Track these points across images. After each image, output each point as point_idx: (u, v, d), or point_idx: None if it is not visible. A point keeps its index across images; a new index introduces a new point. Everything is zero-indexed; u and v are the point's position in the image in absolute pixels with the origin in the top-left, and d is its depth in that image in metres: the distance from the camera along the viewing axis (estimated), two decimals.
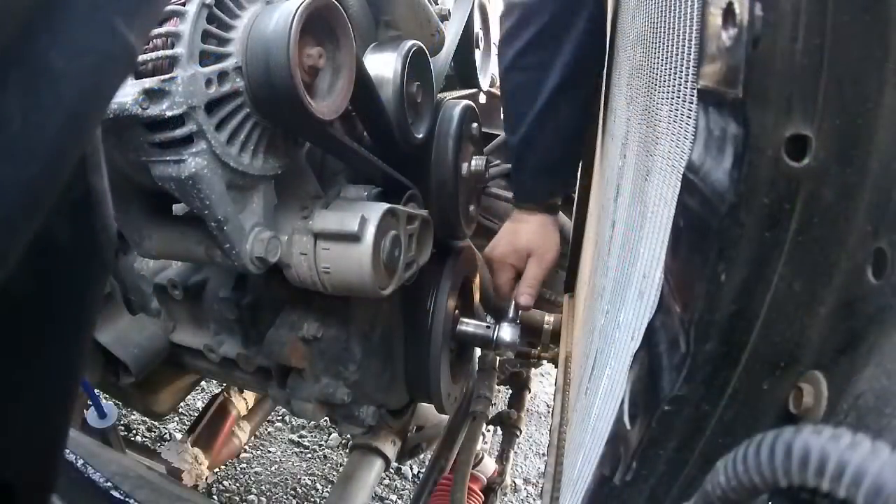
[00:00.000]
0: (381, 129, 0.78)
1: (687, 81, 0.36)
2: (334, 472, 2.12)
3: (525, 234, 1.07)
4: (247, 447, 2.04)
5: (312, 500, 2.01)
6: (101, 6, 0.21)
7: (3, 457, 0.27)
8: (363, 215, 0.68)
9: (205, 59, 0.55)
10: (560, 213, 1.43)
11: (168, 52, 0.54)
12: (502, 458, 1.49)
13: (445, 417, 1.25)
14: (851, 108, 0.25)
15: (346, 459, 1.65)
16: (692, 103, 0.35)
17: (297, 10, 0.55)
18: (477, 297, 1.18)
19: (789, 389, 0.28)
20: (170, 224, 0.70)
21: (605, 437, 0.43)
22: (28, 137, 0.20)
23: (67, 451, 0.72)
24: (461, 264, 1.04)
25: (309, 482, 2.07)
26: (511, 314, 1.06)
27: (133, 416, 2.15)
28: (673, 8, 0.39)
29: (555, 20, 0.91)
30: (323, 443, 2.26)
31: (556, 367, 1.21)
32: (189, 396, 1.70)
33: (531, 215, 1.08)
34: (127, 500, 0.71)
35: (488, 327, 1.03)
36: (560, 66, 0.92)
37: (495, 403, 1.42)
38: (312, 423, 2.29)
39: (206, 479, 1.31)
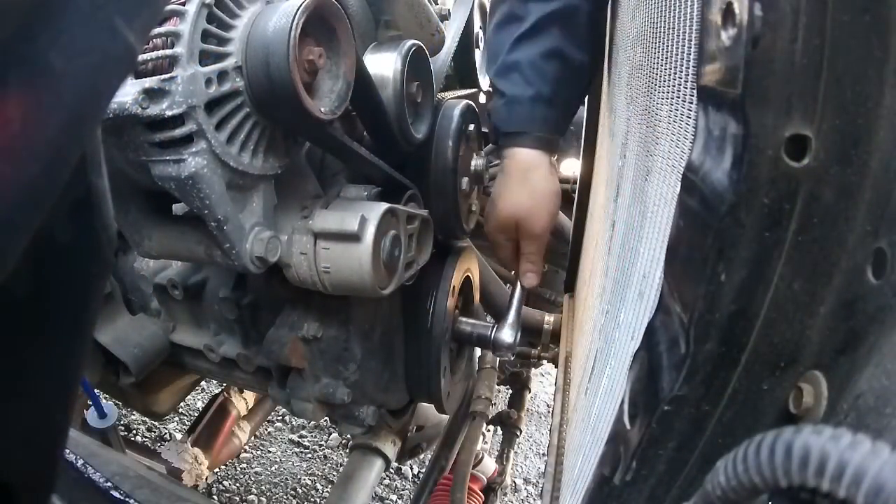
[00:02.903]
0: (381, 129, 0.78)
1: (687, 81, 0.36)
2: (334, 472, 2.12)
3: (506, 195, 0.90)
4: (247, 447, 2.04)
5: (312, 500, 2.01)
6: (101, 6, 0.21)
7: (3, 457, 0.27)
8: (363, 215, 0.68)
9: (205, 58, 0.55)
10: (559, 212, 1.43)
11: (168, 51, 0.54)
12: (502, 458, 1.49)
13: (445, 417, 1.25)
14: (851, 108, 0.25)
15: (346, 459, 1.65)
16: (692, 103, 0.35)
17: (297, 10, 0.55)
18: (477, 297, 1.18)
19: (789, 389, 0.28)
20: (170, 224, 0.70)
21: (605, 437, 0.43)
22: (28, 137, 0.20)
23: (67, 451, 0.72)
24: (461, 264, 1.04)
25: (309, 482, 2.07)
26: (515, 302, 1.00)
27: (133, 416, 2.15)
28: (673, 8, 0.39)
29: None
30: (323, 443, 2.26)
31: (556, 367, 1.21)
32: (189, 396, 1.70)
33: (511, 158, 0.88)
34: (127, 500, 0.71)
35: (488, 327, 1.03)
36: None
37: (495, 403, 1.41)
38: (312, 423, 2.29)
39: (206, 479, 1.31)
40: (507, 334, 0.99)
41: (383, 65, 0.78)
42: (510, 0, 0.88)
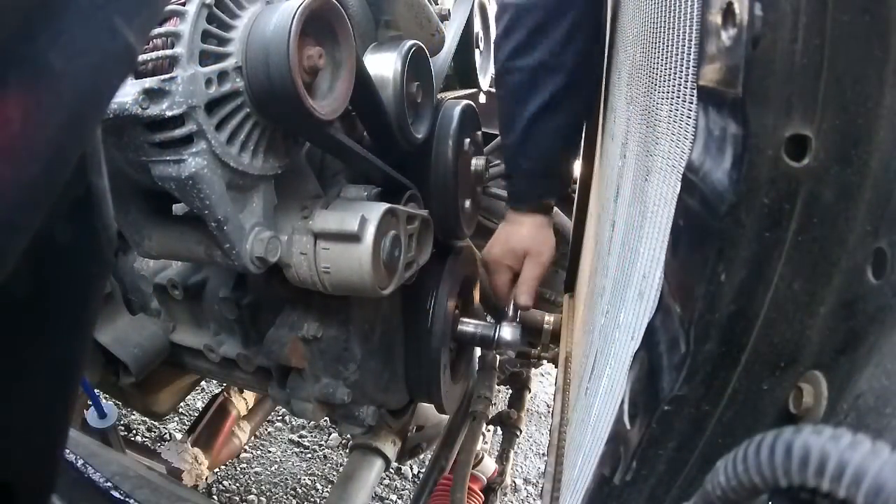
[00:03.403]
0: (381, 129, 0.78)
1: (687, 81, 0.36)
2: (334, 472, 2.12)
3: (520, 235, 1.06)
4: (247, 447, 2.04)
5: (312, 500, 2.01)
6: (101, 6, 0.21)
7: (3, 457, 0.27)
8: (363, 215, 0.68)
9: (205, 58, 0.55)
10: (559, 212, 1.43)
11: (168, 51, 0.54)
12: (502, 458, 1.49)
13: (445, 417, 1.25)
14: (851, 108, 0.25)
15: (346, 459, 1.65)
16: (692, 103, 0.35)
17: (297, 10, 0.55)
18: (477, 297, 1.18)
19: (789, 389, 0.28)
20: (170, 224, 0.70)
21: (605, 437, 0.43)
22: (28, 137, 0.20)
23: (67, 451, 0.72)
24: (461, 264, 1.04)
25: (309, 482, 2.07)
26: (511, 315, 1.06)
27: (133, 416, 2.15)
28: (673, 8, 0.39)
29: (547, 18, 0.88)
30: (323, 443, 2.26)
31: (556, 367, 1.21)
32: (189, 396, 1.70)
33: (525, 216, 1.07)
34: (127, 500, 0.71)
35: (488, 327, 1.03)
36: (559, 68, 0.91)
37: (495, 403, 1.42)
38: (312, 423, 2.29)
39: (206, 479, 1.31)
40: (508, 335, 1.00)
41: (383, 65, 0.78)
42: (528, 67, 0.93)
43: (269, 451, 2.19)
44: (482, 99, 1.43)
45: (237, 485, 2.02)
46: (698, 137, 0.31)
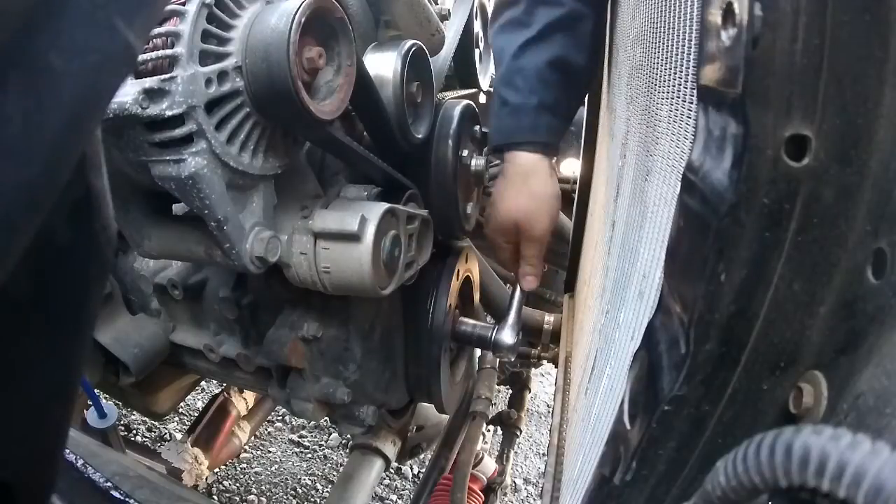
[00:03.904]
0: (381, 129, 0.78)
1: (687, 81, 0.36)
2: (334, 472, 2.12)
3: (506, 198, 0.91)
4: (247, 447, 2.04)
5: (312, 500, 2.01)
6: (101, 6, 0.21)
7: (3, 457, 0.27)
8: (363, 215, 0.68)
9: (205, 58, 0.55)
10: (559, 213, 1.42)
11: (168, 51, 0.54)
12: (502, 458, 1.49)
13: (445, 417, 1.25)
14: (851, 108, 0.25)
15: (346, 459, 1.65)
16: (692, 103, 0.35)
17: (297, 10, 0.55)
18: (477, 297, 1.18)
19: (789, 389, 0.28)
20: (170, 224, 0.70)
21: (605, 437, 0.43)
22: (28, 137, 0.20)
23: (67, 451, 0.72)
24: (461, 264, 1.04)
25: (309, 482, 2.07)
26: (515, 304, 1.00)
27: (133, 416, 2.15)
28: (673, 8, 0.39)
29: None
30: (323, 443, 2.26)
31: (556, 367, 1.21)
32: (189, 396, 1.70)
33: (511, 163, 0.89)
34: (127, 500, 0.71)
35: (488, 328, 1.02)
36: (554, 2, 0.84)
37: (495, 403, 1.41)
38: (312, 423, 2.29)
39: (206, 479, 1.31)
40: (508, 335, 0.98)
41: (383, 65, 0.78)
42: (515, 4, 0.88)
43: (269, 451, 2.19)
44: (482, 99, 1.43)
45: (237, 485, 2.02)
46: (698, 137, 0.31)
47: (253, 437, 1.75)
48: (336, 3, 0.61)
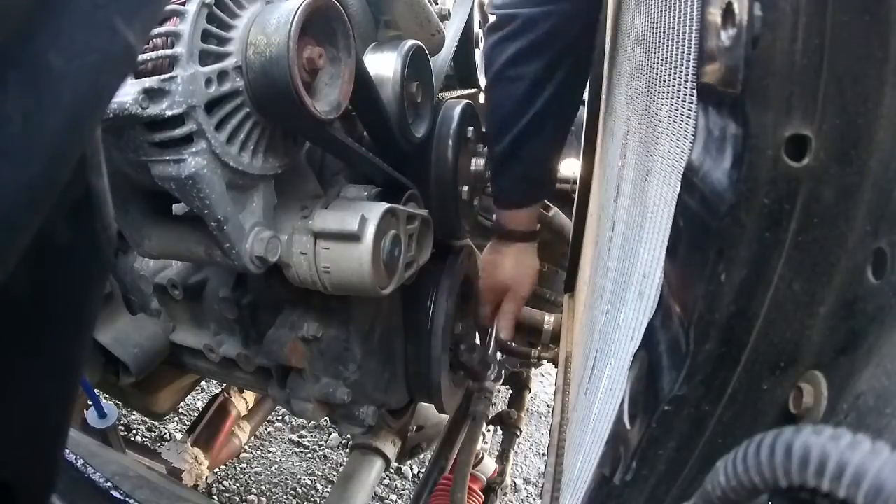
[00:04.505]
0: (380, 129, 0.78)
1: (687, 81, 0.36)
2: (334, 472, 2.11)
3: (503, 268, 1.10)
4: (247, 447, 2.04)
5: (312, 500, 2.01)
6: (101, 6, 0.21)
7: (3, 457, 0.27)
8: (363, 215, 0.68)
9: (205, 58, 0.55)
10: (559, 212, 1.43)
11: (168, 51, 0.54)
12: (502, 458, 1.49)
13: (445, 417, 1.25)
14: (851, 108, 0.25)
15: (346, 459, 1.65)
16: (692, 103, 0.35)
17: (296, 10, 0.55)
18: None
19: (789, 389, 0.28)
20: (170, 224, 0.70)
21: (605, 437, 0.43)
22: (28, 137, 0.20)
23: (67, 451, 0.72)
24: (461, 264, 1.04)
25: (309, 482, 2.07)
26: (493, 346, 1.14)
27: (133, 416, 2.15)
28: (673, 8, 0.39)
29: (553, 32, 0.88)
30: (323, 443, 2.26)
31: (556, 367, 1.21)
32: (189, 396, 1.70)
33: (508, 247, 1.10)
34: (127, 500, 0.71)
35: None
36: (555, 82, 0.91)
37: (495, 403, 1.41)
38: (312, 423, 2.29)
39: (206, 479, 1.31)
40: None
41: (383, 65, 0.78)
42: (529, 76, 0.92)
43: (269, 451, 2.19)
44: (482, 99, 1.43)
45: (237, 485, 2.02)
46: (698, 137, 0.31)
47: (253, 437, 1.75)
48: (336, 2, 0.61)
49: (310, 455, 2.20)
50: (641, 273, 0.45)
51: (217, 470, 1.99)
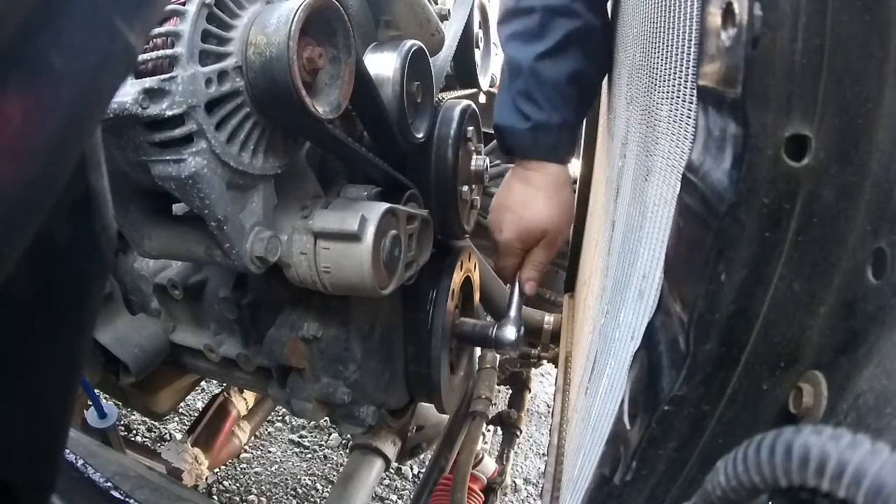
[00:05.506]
0: (380, 129, 0.78)
1: (687, 81, 0.36)
2: (334, 472, 2.11)
3: (535, 206, 0.90)
4: (247, 447, 2.04)
5: (312, 500, 2.01)
6: (101, 6, 0.21)
7: (3, 457, 0.27)
8: (363, 215, 0.68)
9: (205, 58, 0.55)
10: None
11: (168, 51, 0.54)
12: (502, 458, 1.49)
13: (445, 417, 1.25)
14: (851, 108, 0.25)
15: (346, 459, 1.65)
16: (692, 103, 0.35)
17: (297, 10, 0.55)
18: (477, 297, 1.18)
19: (789, 389, 0.28)
20: (170, 224, 0.70)
21: (605, 437, 0.43)
22: (28, 137, 0.20)
23: (67, 451, 0.72)
24: (461, 264, 1.04)
25: (309, 482, 2.07)
26: (515, 301, 0.99)
27: (133, 416, 2.15)
28: (673, 8, 0.39)
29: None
30: (323, 443, 2.26)
31: (556, 367, 1.21)
32: (189, 396, 1.70)
33: (538, 172, 0.89)
34: (127, 500, 0.71)
35: (488, 326, 1.02)
36: (569, 12, 0.82)
37: (495, 403, 1.41)
38: (312, 423, 2.29)
39: (206, 479, 1.31)
40: (510, 331, 0.98)
41: (383, 65, 0.78)
42: (528, 13, 0.86)
43: (269, 451, 2.19)
44: (482, 99, 1.43)
45: (237, 485, 2.02)
46: (698, 137, 0.31)
47: (253, 437, 1.75)
48: (336, 2, 0.61)
49: (310, 455, 2.20)
50: (641, 273, 0.45)
51: (217, 470, 1.99)
